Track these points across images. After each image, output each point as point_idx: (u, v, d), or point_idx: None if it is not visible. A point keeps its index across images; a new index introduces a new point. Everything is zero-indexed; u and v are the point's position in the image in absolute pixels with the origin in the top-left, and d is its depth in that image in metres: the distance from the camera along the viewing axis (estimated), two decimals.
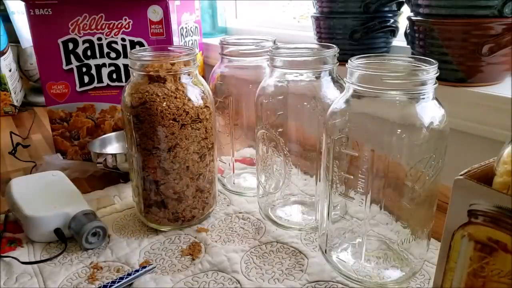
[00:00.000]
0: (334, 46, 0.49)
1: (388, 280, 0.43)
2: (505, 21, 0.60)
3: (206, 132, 0.52)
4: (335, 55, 0.48)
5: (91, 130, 0.77)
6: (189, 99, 0.50)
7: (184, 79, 0.51)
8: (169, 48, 0.59)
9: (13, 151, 0.82)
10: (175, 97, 0.49)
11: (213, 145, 0.54)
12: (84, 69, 0.74)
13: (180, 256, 0.50)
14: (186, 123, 0.50)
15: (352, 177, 0.42)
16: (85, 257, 0.50)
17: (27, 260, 0.49)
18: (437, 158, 0.40)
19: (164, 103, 0.48)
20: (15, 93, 1.13)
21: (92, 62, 0.74)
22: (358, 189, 0.42)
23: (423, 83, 0.38)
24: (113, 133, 0.75)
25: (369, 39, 0.84)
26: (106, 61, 0.74)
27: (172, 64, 0.50)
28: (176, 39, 0.75)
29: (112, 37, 0.72)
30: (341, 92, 0.45)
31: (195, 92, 0.51)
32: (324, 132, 0.44)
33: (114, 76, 0.75)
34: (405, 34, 0.76)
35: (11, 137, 0.87)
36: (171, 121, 0.49)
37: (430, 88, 0.38)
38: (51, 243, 0.52)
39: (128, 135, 0.52)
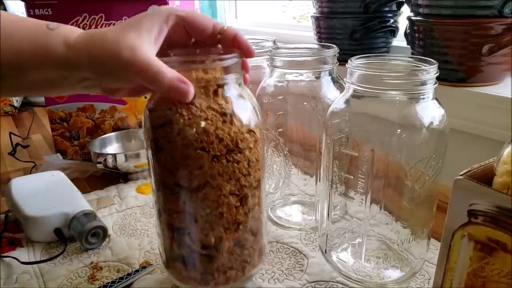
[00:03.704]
0: (334, 46, 0.49)
1: (388, 280, 0.43)
2: (505, 21, 0.60)
3: (248, 166, 0.39)
4: (335, 55, 0.48)
5: (91, 130, 0.77)
6: (225, 121, 0.37)
7: (221, 92, 0.38)
8: (202, 47, 0.41)
9: (13, 152, 0.82)
10: (206, 118, 0.36)
11: (259, 183, 0.41)
12: None
13: None
14: (219, 153, 0.37)
15: (352, 177, 0.42)
16: (85, 257, 0.50)
17: (27, 260, 0.49)
18: (437, 158, 0.40)
19: (190, 125, 0.36)
20: None
21: None
22: (358, 189, 0.42)
23: (423, 83, 0.38)
24: (113, 133, 0.75)
25: (369, 39, 0.84)
26: None
27: (206, 72, 0.37)
28: None
29: None
30: (341, 92, 0.45)
31: (235, 110, 0.38)
32: (324, 132, 0.44)
33: None
34: (405, 34, 0.76)
35: (10, 137, 0.87)
36: (198, 151, 0.36)
37: (430, 88, 0.38)
38: (51, 243, 0.52)
39: (148, 163, 0.40)
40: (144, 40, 0.35)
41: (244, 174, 0.39)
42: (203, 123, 0.36)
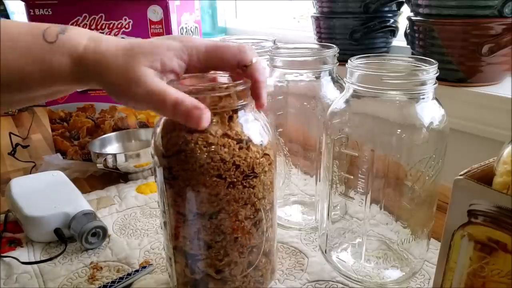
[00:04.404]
0: (334, 46, 0.49)
1: (388, 280, 0.43)
2: (505, 21, 0.60)
3: (263, 190, 0.39)
4: (335, 55, 0.48)
5: (91, 130, 0.77)
6: (241, 147, 0.36)
7: (236, 118, 0.37)
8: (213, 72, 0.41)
9: (13, 152, 0.82)
10: (222, 145, 0.36)
11: (272, 205, 0.41)
12: None
13: None
14: (235, 180, 0.36)
15: (352, 177, 0.42)
16: (85, 257, 0.50)
17: (27, 260, 0.49)
18: (437, 158, 0.40)
19: (206, 154, 0.35)
20: None
21: None
22: (358, 189, 0.42)
23: (423, 83, 0.38)
24: (113, 133, 0.75)
25: (369, 39, 0.84)
26: None
27: (220, 98, 0.36)
28: None
29: None
30: (341, 92, 0.45)
31: (251, 135, 0.37)
32: (324, 132, 0.44)
33: None
34: (405, 34, 0.76)
35: (10, 137, 0.87)
36: (215, 179, 0.36)
37: (430, 88, 0.38)
38: (51, 243, 0.52)
39: (158, 187, 0.39)
40: (152, 72, 0.33)
41: (259, 198, 0.38)
42: (219, 152, 0.35)
